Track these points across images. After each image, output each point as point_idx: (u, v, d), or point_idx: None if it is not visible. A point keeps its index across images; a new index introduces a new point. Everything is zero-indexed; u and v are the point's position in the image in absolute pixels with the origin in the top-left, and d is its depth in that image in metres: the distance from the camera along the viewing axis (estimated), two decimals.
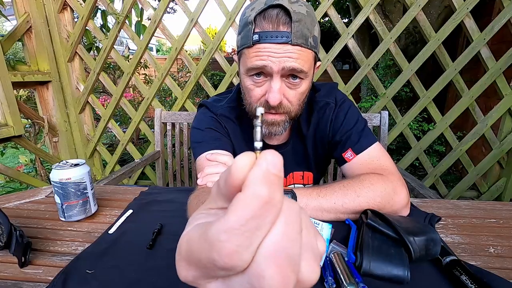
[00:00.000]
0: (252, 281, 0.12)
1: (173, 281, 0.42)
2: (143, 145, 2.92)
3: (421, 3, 1.42)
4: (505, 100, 1.54)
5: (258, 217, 0.12)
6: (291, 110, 0.61)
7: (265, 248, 0.12)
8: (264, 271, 0.12)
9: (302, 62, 0.55)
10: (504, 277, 0.42)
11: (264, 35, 0.53)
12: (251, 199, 0.12)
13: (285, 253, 0.12)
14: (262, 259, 0.12)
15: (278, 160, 0.14)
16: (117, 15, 1.58)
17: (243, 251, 0.12)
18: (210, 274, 0.14)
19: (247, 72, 0.59)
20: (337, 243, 0.49)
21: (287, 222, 0.13)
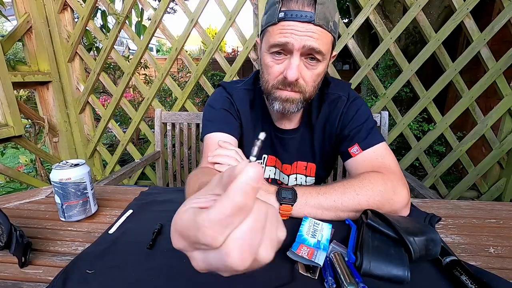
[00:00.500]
0: (221, 257, 0.18)
1: (173, 281, 0.42)
2: (143, 145, 2.92)
3: (421, 3, 1.42)
4: (505, 100, 1.54)
5: (232, 217, 0.18)
6: (306, 90, 0.63)
7: (234, 236, 0.18)
8: (230, 251, 0.18)
9: (321, 43, 0.57)
10: (504, 277, 0.42)
11: (290, 13, 0.55)
12: (229, 203, 0.17)
13: (247, 241, 0.18)
14: (230, 243, 0.18)
15: (258, 173, 0.18)
16: (117, 15, 1.58)
17: (219, 236, 0.18)
18: (195, 246, 0.19)
19: (269, 49, 0.61)
20: (337, 243, 0.49)
21: (254, 220, 0.18)
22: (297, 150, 0.79)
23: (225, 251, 0.18)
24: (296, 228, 0.51)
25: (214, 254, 0.18)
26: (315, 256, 0.43)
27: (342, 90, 0.74)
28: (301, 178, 0.81)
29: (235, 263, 0.18)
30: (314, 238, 0.48)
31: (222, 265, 0.18)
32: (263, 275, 0.42)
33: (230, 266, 0.18)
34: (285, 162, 0.81)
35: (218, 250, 0.18)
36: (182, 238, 0.20)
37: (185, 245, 0.20)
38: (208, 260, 0.19)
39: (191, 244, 0.19)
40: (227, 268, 0.18)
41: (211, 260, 0.19)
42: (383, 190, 0.56)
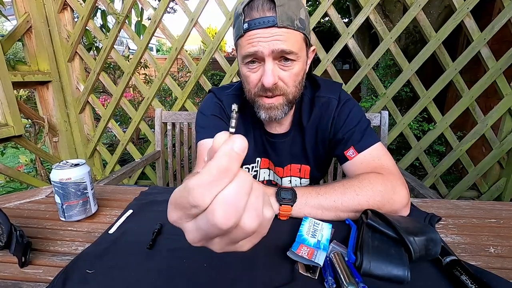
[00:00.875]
0: (208, 216, 0.20)
1: (173, 281, 0.42)
2: (143, 145, 2.92)
3: (421, 3, 1.42)
4: (505, 100, 1.54)
5: (217, 179, 0.19)
6: (287, 91, 0.63)
7: (219, 196, 0.19)
8: (215, 210, 0.19)
9: (290, 43, 0.58)
10: (504, 277, 0.42)
11: (253, 22, 0.57)
12: (215, 166, 0.19)
13: (232, 202, 0.19)
14: (216, 202, 0.19)
15: (242, 143, 0.20)
16: (117, 15, 1.58)
17: (206, 197, 0.19)
18: (187, 214, 0.21)
19: (242, 60, 0.62)
20: (337, 243, 0.49)
21: (238, 185, 0.20)
22: (289, 153, 0.79)
23: (211, 209, 0.19)
24: (296, 228, 0.51)
25: (203, 216, 0.20)
26: (315, 256, 0.43)
27: (333, 93, 0.73)
28: (295, 180, 0.81)
29: (219, 221, 0.19)
30: (314, 238, 0.48)
31: (209, 225, 0.20)
32: (263, 275, 0.42)
33: (215, 223, 0.19)
34: (278, 165, 0.81)
35: (205, 211, 0.20)
36: (176, 208, 0.22)
37: (179, 215, 0.22)
38: (198, 225, 0.21)
39: (184, 212, 0.21)
40: (214, 228, 0.20)
41: (200, 224, 0.20)
42: (383, 190, 0.56)
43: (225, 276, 0.42)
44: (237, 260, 0.46)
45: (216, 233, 0.20)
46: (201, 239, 0.22)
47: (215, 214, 0.19)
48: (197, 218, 0.21)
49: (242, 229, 0.20)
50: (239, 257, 0.47)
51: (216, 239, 0.22)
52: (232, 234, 0.21)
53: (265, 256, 0.47)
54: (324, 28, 5.01)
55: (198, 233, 0.21)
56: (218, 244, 0.22)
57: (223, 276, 0.42)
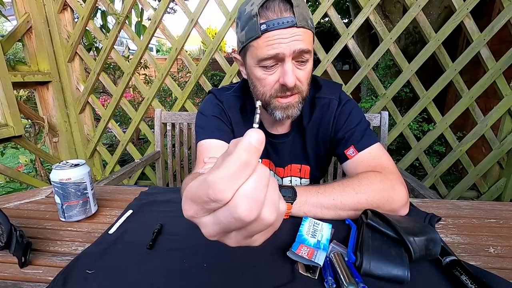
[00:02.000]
0: (230, 210, 0.20)
1: (173, 281, 0.42)
2: (143, 145, 2.92)
3: (421, 3, 1.42)
4: (505, 101, 1.54)
5: (238, 173, 0.19)
6: (303, 89, 0.64)
7: (241, 190, 0.20)
8: (238, 203, 0.19)
9: (307, 43, 0.58)
10: (504, 277, 0.42)
11: (271, 23, 0.56)
12: (235, 161, 0.20)
13: (253, 196, 0.20)
14: (238, 196, 0.19)
15: (260, 137, 0.21)
16: (117, 16, 1.58)
17: (227, 191, 0.19)
18: (205, 208, 0.21)
19: (258, 63, 0.60)
20: (337, 243, 0.49)
21: (257, 179, 0.20)
22: (290, 153, 0.79)
23: (234, 203, 0.19)
24: (296, 228, 0.51)
25: (224, 210, 0.20)
26: (315, 256, 0.43)
27: (333, 94, 0.74)
28: (295, 180, 0.82)
29: (243, 214, 0.19)
30: (314, 238, 0.48)
31: (231, 219, 0.20)
32: (263, 275, 0.42)
33: (239, 217, 0.19)
34: (278, 165, 0.82)
35: (227, 204, 0.20)
36: (193, 203, 0.21)
37: (196, 210, 0.22)
38: (218, 219, 0.21)
39: (202, 207, 0.21)
40: (236, 222, 0.20)
41: (221, 218, 0.20)
42: (382, 189, 0.56)
43: (225, 276, 0.42)
44: (237, 260, 0.46)
45: (237, 227, 0.21)
46: (219, 233, 0.22)
47: (238, 208, 0.19)
48: (217, 212, 0.21)
49: (262, 222, 0.21)
50: (239, 257, 0.47)
51: (233, 233, 0.22)
52: (250, 227, 0.21)
53: (265, 256, 0.47)
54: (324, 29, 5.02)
55: (216, 227, 0.21)
56: (234, 238, 0.22)
57: (223, 276, 0.42)
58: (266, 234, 0.24)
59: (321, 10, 1.48)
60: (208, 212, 0.21)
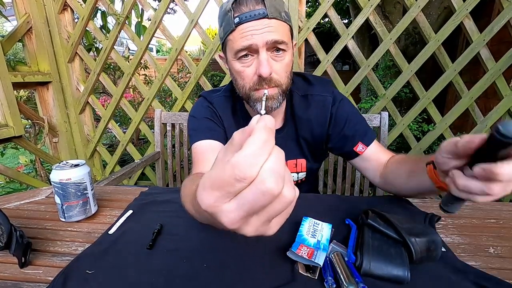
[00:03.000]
0: (258, 185, 0.20)
1: (173, 281, 0.42)
2: (143, 145, 2.92)
3: (421, 4, 1.42)
4: (504, 101, 1.54)
5: (261, 149, 0.21)
6: (281, 82, 0.65)
7: (265, 166, 0.20)
8: (265, 178, 0.20)
9: (281, 34, 0.60)
10: (504, 277, 0.42)
11: (244, 16, 0.58)
12: (257, 139, 0.21)
13: (277, 170, 0.21)
14: (263, 172, 0.20)
15: (272, 120, 0.23)
16: (117, 16, 1.58)
17: (252, 168, 0.20)
18: (229, 192, 0.21)
19: (235, 55, 0.63)
20: (337, 243, 0.49)
21: (277, 156, 0.22)
22: (284, 148, 0.79)
23: (261, 179, 0.20)
24: (296, 228, 0.51)
25: (250, 188, 0.21)
26: (315, 256, 0.43)
27: (326, 90, 0.77)
28: (292, 175, 0.82)
29: (271, 186, 0.20)
30: (314, 238, 0.48)
31: (259, 194, 0.20)
32: (263, 275, 0.42)
33: (267, 190, 0.20)
34: None
35: (254, 182, 0.20)
36: (214, 190, 0.21)
37: (217, 197, 0.21)
38: (244, 200, 0.21)
39: (226, 191, 0.21)
40: (264, 197, 0.20)
41: (248, 197, 0.21)
42: None
43: (225, 276, 0.42)
44: (237, 260, 0.46)
45: (264, 204, 0.21)
46: (243, 217, 0.22)
47: (266, 182, 0.20)
48: (242, 193, 0.21)
49: (284, 199, 0.21)
50: (239, 257, 0.47)
51: (253, 217, 0.22)
52: (272, 207, 0.22)
53: (265, 256, 0.47)
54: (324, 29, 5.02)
55: (240, 210, 0.21)
56: (254, 224, 0.23)
57: (223, 276, 0.42)
58: (282, 218, 0.24)
59: (321, 11, 1.48)
60: (231, 196, 0.21)
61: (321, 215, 0.56)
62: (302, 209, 0.60)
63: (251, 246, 0.49)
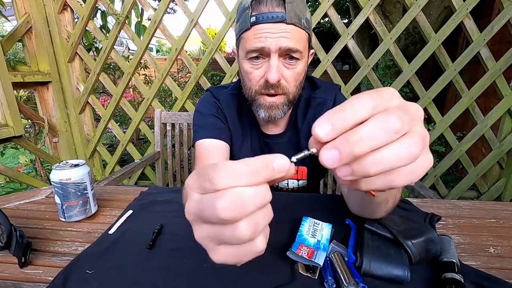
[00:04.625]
0: (212, 198, 0.20)
1: (173, 281, 0.42)
2: (143, 145, 2.92)
3: (421, 3, 1.42)
4: (504, 101, 1.54)
5: (243, 173, 0.20)
6: (289, 90, 0.63)
7: (235, 189, 0.20)
8: (224, 195, 0.19)
9: (296, 42, 0.58)
10: (504, 277, 0.42)
11: (261, 16, 0.56)
12: (248, 163, 0.20)
13: (242, 199, 0.19)
14: (229, 191, 0.20)
15: (284, 164, 0.21)
16: (117, 16, 1.58)
17: (224, 179, 0.19)
18: (201, 185, 0.21)
19: (246, 55, 0.61)
20: (337, 243, 0.49)
21: (255, 193, 0.20)
22: (285, 154, 0.78)
23: (221, 193, 0.19)
24: (296, 228, 0.51)
25: (209, 195, 0.20)
26: (315, 256, 0.43)
27: (329, 94, 0.74)
28: (293, 182, 0.81)
29: (220, 206, 0.19)
30: (314, 238, 0.48)
31: (207, 205, 0.20)
32: (263, 275, 0.42)
33: (214, 209, 0.19)
34: None
35: (216, 192, 0.20)
36: (196, 176, 0.21)
37: (194, 182, 0.21)
38: (201, 199, 0.20)
39: (200, 183, 0.21)
40: (211, 211, 0.19)
41: (204, 199, 0.20)
42: None
43: (225, 276, 0.42)
44: None
45: (207, 217, 0.20)
46: (195, 214, 0.21)
47: (221, 199, 0.19)
48: (204, 194, 0.20)
49: (234, 230, 0.20)
50: None
51: (204, 225, 0.21)
52: (217, 228, 0.20)
53: (265, 256, 0.46)
54: (324, 29, 5.02)
55: (195, 204, 0.21)
56: (202, 231, 0.21)
57: (223, 276, 0.42)
58: (230, 255, 0.22)
59: (321, 10, 1.48)
60: (201, 190, 0.21)
61: (321, 215, 0.56)
62: (302, 209, 0.61)
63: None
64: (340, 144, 0.19)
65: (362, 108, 0.19)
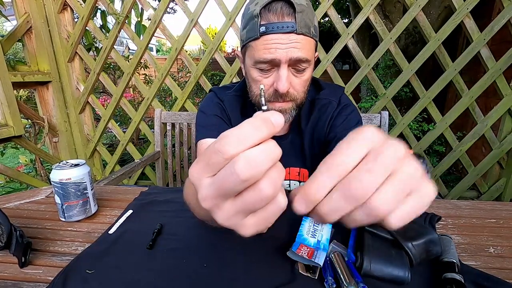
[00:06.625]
0: (230, 165, 0.19)
1: (173, 281, 0.42)
2: (143, 145, 2.92)
3: (421, 3, 1.42)
4: (505, 100, 1.54)
5: (247, 134, 0.20)
6: (297, 97, 0.64)
7: (248, 152, 0.19)
8: (239, 159, 0.19)
9: (306, 51, 0.58)
10: (504, 277, 0.42)
11: (271, 26, 0.55)
12: (248, 123, 0.21)
13: (255, 159, 0.19)
14: (242, 155, 0.19)
15: (280, 119, 0.21)
16: (117, 15, 1.58)
17: (232, 145, 0.19)
18: (207, 163, 0.20)
19: (254, 64, 0.60)
20: (337, 243, 0.49)
21: (265, 149, 0.20)
22: (288, 156, 0.78)
23: (236, 159, 0.19)
24: (296, 228, 0.51)
25: (225, 167, 0.20)
26: (315, 256, 0.43)
27: (333, 96, 0.74)
28: (294, 183, 0.81)
29: (241, 170, 0.19)
30: (314, 238, 0.48)
31: (228, 173, 0.19)
32: (263, 275, 0.42)
33: (236, 172, 0.19)
34: None
35: (230, 161, 0.19)
36: (200, 160, 0.21)
37: (200, 167, 0.21)
38: (217, 176, 0.20)
39: (206, 163, 0.21)
40: (232, 177, 0.19)
41: (220, 175, 0.20)
42: None
43: (225, 276, 0.42)
44: (237, 260, 0.46)
45: (232, 187, 0.19)
46: (214, 196, 0.20)
47: (237, 163, 0.19)
48: (218, 171, 0.20)
49: (259, 192, 0.20)
50: (239, 257, 0.47)
51: (227, 202, 0.21)
52: (246, 197, 0.20)
53: (265, 256, 0.47)
54: (324, 29, 5.02)
55: (213, 187, 0.20)
56: (226, 209, 0.21)
57: (223, 276, 0.42)
58: (259, 219, 0.22)
59: (321, 10, 1.48)
60: (209, 170, 0.20)
61: None
62: None
63: (251, 246, 0.49)
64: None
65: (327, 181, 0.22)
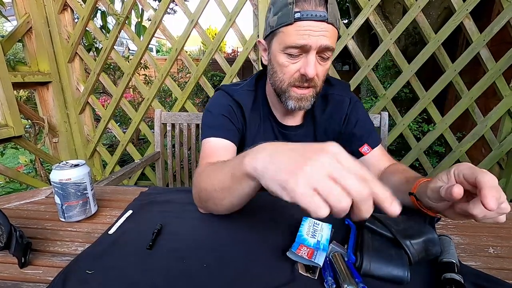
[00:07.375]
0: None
1: (173, 282, 0.42)
2: (143, 145, 2.92)
3: (421, 4, 1.42)
4: (504, 101, 1.54)
5: (348, 174, 0.32)
6: (318, 85, 0.67)
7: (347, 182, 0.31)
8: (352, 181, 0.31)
9: (332, 41, 0.61)
10: (504, 277, 0.42)
11: (306, 13, 0.58)
12: (359, 170, 0.33)
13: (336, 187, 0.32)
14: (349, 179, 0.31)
15: (385, 192, 0.33)
16: (117, 16, 1.58)
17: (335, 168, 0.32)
18: (305, 158, 0.34)
19: (284, 49, 0.62)
20: (337, 243, 0.49)
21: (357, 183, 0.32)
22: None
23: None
24: (295, 228, 0.51)
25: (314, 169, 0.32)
26: (314, 256, 0.43)
27: (346, 92, 0.80)
28: None
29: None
30: (314, 238, 0.48)
31: (322, 175, 0.32)
32: (263, 275, 0.42)
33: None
34: None
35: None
36: (300, 155, 0.34)
37: (299, 161, 0.33)
38: (307, 171, 0.32)
39: (304, 157, 0.33)
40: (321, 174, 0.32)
41: (311, 171, 0.32)
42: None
43: (225, 276, 0.42)
44: (237, 260, 0.46)
45: (347, 182, 0.31)
46: (330, 172, 0.31)
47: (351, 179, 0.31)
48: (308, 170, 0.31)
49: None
50: (239, 257, 0.47)
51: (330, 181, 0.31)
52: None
53: (265, 256, 0.47)
54: None
55: (334, 169, 0.32)
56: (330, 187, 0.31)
57: (223, 276, 0.42)
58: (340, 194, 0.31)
59: None
60: (304, 164, 0.32)
61: None
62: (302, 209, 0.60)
63: (251, 246, 0.49)
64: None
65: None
